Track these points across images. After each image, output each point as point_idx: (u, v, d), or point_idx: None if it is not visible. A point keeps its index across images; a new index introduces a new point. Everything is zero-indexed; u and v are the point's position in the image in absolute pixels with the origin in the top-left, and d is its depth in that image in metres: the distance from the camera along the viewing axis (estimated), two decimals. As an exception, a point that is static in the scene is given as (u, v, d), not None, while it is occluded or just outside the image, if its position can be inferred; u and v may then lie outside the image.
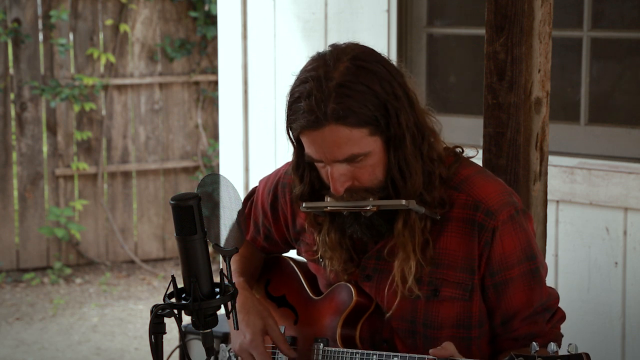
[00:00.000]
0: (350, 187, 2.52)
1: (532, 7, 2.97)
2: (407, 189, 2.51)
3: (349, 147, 2.46)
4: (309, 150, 2.52)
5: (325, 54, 2.52)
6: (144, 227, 8.37)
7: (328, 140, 2.46)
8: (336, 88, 2.44)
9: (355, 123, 2.45)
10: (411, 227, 2.55)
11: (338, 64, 2.47)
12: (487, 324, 2.64)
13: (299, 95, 2.48)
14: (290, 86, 2.54)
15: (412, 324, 2.62)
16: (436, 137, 2.59)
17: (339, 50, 2.51)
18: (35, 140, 7.98)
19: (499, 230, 2.55)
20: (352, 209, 2.54)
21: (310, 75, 2.48)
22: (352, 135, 2.46)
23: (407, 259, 2.56)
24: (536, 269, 2.60)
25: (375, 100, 2.46)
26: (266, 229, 2.89)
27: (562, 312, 2.69)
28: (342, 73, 2.46)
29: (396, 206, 2.52)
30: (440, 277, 2.58)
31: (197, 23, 8.27)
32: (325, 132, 2.45)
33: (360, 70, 2.47)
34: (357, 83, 2.45)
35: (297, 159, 2.62)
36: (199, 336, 2.91)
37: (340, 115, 2.43)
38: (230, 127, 5.33)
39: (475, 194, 2.57)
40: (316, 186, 2.61)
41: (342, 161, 2.48)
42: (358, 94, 2.45)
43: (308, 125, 2.46)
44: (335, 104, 2.43)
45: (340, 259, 2.65)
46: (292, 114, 2.51)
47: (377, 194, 2.53)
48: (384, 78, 2.48)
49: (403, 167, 2.51)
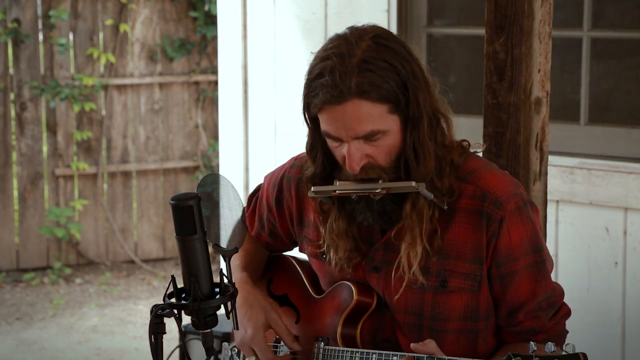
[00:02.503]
0: (366, 164, 2.53)
1: (532, 7, 2.97)
2: (420, 172, 2.53)
3: (369, 123, 2.47)
4: (327, 128, 2.52)
5: (345, 34, 2.54)
6: (144, 227, 8.37)
7: (349, 116, 2.47)
8: (359, 63, 2.46)
9: (377, 98, 2.46)
10: (419, 211, 2.55)
11: (360, 42, 2.49)
12: (494, 316, 2.65)
13: (320, 72, 2.49)
14: (309, 65, 2.55)
15: (418, 317, 2.63)
16: (449, 125, 2.61)
17: (360, 30, 2.53)
18: (35, 140, 7.98)
19: (507, 221, 2.56)
20: (362, 192, 2.55)
21: (333, 52, 2.49)
22: (373, 111, 2.47)
23: (413, 243, 2.56)
24: (542, 262, 2.62)
25: (396, 77, 2.48)
26: (271, 225, 2.89)
27: (567, 307, 2.70)
28: (364, 50, 2.48)
29: (406, 189, 2.53)
30: (449, 269, 2.59)
31: (197, 23, 8.27)
32: (347, 107, 2.46)
33: (382, 48, 2.49)
34: (380, 60, 2.47)
35: (312, 140, 2.63)
36: (199, 336, 2.91)
37: (364, 89, 2.45)
38: (230, 127, 5.33)
39: (483, 185, 2.58)
40: (328, 170, 2.62)
41: (360, 137, 2.49)
42: (381, 70, 2.47)
43: (331, 100, 2.47)
44: (358, 77, 2.45)
45: (345, 248, 2.65)
46: (312, 90, 2.51)
47: (389, 174, 2.54)
48: (404, 57, 2.51)
49: (417, 149, 2.53)
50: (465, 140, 2.68)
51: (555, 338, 2.65)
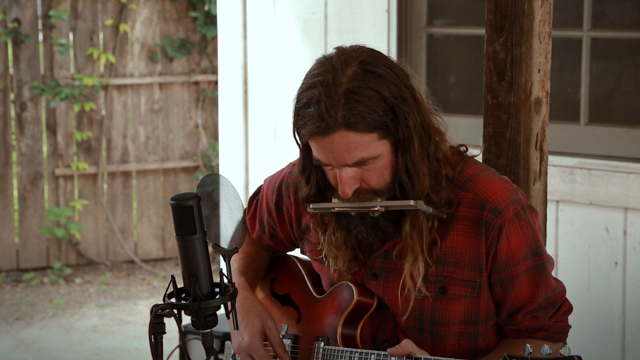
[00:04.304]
0: (358, 189, 2.52)
1: (532, 7, 2.97)
2: (415, 191, 2.52)
3: (358, 151, 2.46)
4: (317, 155, 2.52)
5: (332, 58, 2.50)
6: (144, 227, 8.37)
7: (338, 146, 2.46)
8: (345, 94, 2.44)
9: (365, 128, 2.45)
10: (419, 229, 2.55)
11: (346, 68, 2.46)
12: (495, 318, 2.66)
13: (307, 101, 2.47)
14: (297, 90, 2.53)
15: (419, 321, 2.64)
16: (442, 137, 2.60)
17: (346, 54, 2.50)
18: (35, 140, 7.98)
19: (506, 228, 2.56)
20: (360, 209, 2.55)
21: (318, 80, 2.47)
22: (361, 140, 2.46)
23: (415, 260, 2.57)
24: (542, 265, 2.62)
25: (384, 104, 2.46)
26: (271, 228, 2.89)
27: (568, 304, 2.70)
28: (351, 78, 2.45)
29: (404, 207, 2.53)
30: (448, 276, 2.59)
31: (197, 23, 8.27)
32: (335, 138, 2.45)
33: (368, 75, 2.46)
34: (366, 88, 2.45)
35: (304, 161, 2.62)
36: (199, 336, 2.91)
37: (350, 121, 2.43)
38: (230, 127, 5.33)
39: (481, 193, 2.58)
40: (322, 187, 2.61)
41: (351, 165, 2.49)
42: (367, 100, 2.44)
43: (318, 132, 2.45)
44: (344, 110, 2.43)
45: (344, 258, 2.66)
46: (300, 119, 2.50)
47: (384, 195, 2.53)
48: (392, 82, 2.48)
49: (410, 169, 2.52)
50: (462, 145, 2.67)
51: (555, 335, 2.66)
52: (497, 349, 2.66)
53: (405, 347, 2.51)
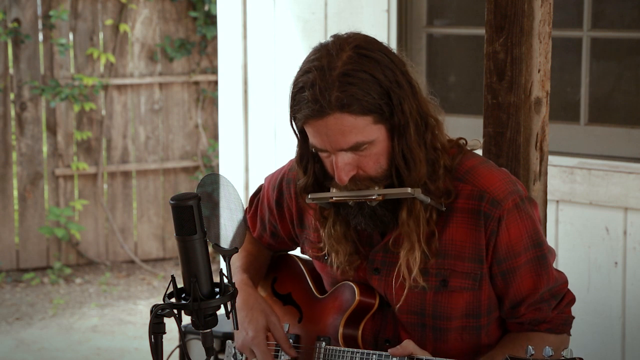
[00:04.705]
0: (355, 176, 2.52)
1: (532, 7, 2.97)
2: (412, 178, 2.52)
3: (353, 135, 2.47)
4: (313, 140, 2.52)
5: (327, 44, 2.52)
6: (144, 227, 8.37)
7: (332, 129, 2.47)
8: (339, 77, 2.45)
9: (359, 111, 2.45)
10: (416, 217, 2.55)
11: (341, 53, 2.48)
12: (497, 311, 2.66)
13: (303, 85, 2.49)
14: (294, 77, 2.54)
15: (420, 316, 2.64)
16: (439, 126, 2.60)
17: (342, 40, 2.52)
18: (35, 140, 7.98)
19: (505, 219, 2.56)
20: (358, 198, 2.55)
21: (314, 65, 2.48)
22: (356, 124, 2.46)
23: (412, 249, 2.56)
24: (543, 256, 2.62)
25: (378, 88, 2.46)
26: (272, 226, 2.90)
27: (571, 295, 2.70)
28: (345, 62, 2.47)
29: (402, 195, 2.52)
30: (449, 268, 2.59)
31: (197, 23, 8.27)
32: (330, 121, 2.46)
33: (363, 59, 2.48)
34: (360, 71, 2.46)
35: (301, 151, 2.63)
36: (199, 336, 2.91)
37: (344, 103, 2.44)
38: (230, 127, 5.33)
39: (480, 184, 2.58)
40: (320, 178, 2.62)
41: (346, 150, 2.49)
42: (361, 82, 2.45)
43: (312, 115, 2.46)
44: (339, 92, 2.44)
45: (345, 252, 2.66)
46: (295, 104, 2.51)
47: (381, 183, 2.53)
48: (387, 66, 2.49)
49: (407, 156, 2.52)
50: (461, 138, 2.68)
51: (559, 326, 2.66)
52: (500, 345, 2.66)
53: (407, 347, 2.51)
